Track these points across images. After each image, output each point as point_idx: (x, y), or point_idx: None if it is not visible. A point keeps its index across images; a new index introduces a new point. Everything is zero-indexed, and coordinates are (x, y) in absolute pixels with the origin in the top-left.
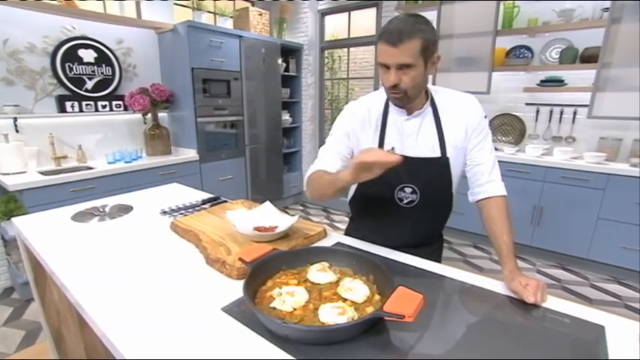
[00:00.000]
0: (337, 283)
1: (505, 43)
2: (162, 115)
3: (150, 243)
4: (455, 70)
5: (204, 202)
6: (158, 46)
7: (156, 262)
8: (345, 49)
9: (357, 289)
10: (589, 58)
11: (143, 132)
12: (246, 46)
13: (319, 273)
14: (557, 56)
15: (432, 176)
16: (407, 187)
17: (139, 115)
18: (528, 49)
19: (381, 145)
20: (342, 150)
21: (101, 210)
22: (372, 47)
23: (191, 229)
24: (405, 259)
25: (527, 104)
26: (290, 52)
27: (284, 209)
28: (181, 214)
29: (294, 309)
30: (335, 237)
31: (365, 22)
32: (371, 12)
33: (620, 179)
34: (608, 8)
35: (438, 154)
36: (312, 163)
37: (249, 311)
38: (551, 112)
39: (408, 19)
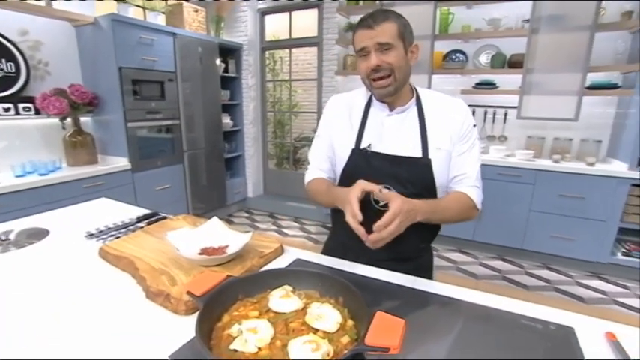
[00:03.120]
0: (304, 310)
1: (442, 47)
2: (86, 119)
3: (72, 276)
4: None
5: (140, 219)
6: (77, 41)
7: (81, 300)
8: (287, 50)
9: (327, 315)
10: (515, 63)
11: (62, 139)
12: (180, 45)
13: (282, 300)
14: (488, 61)
15: (411, 177)
16: (384, 187)
17: (55, 120)
18: (463, 53)
19: (358, 142)
20: (328, 152)
21: (4, 238)
22: (315, 49)
23: (125, 256)
24: (375, 273)
25: None
26: (229, 52)
27: (228, 217)
28: (112, 236)
29: (259, 349)
30: (292, 252)
31: (306, 23)
32: (312, 13)
33: (546, 174)
34: (528, 20)
35: (419, 154)
36: (255, 168)
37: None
38: (485, 112)
39: (380, 9)
